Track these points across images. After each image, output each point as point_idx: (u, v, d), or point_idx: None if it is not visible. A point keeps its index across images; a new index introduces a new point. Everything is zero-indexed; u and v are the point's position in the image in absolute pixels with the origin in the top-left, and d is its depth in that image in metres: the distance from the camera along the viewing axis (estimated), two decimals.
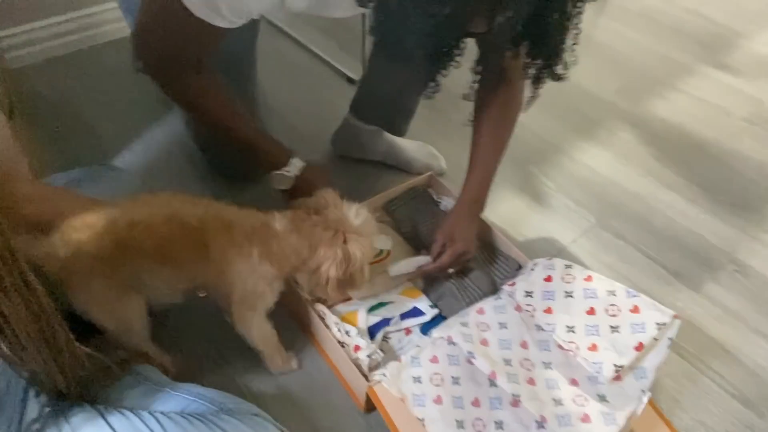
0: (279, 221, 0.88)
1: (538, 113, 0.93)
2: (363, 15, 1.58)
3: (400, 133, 1.46)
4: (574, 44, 0.81)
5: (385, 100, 1.38)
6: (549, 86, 0.89)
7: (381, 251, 1.22)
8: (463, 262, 1.15)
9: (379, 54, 1.29)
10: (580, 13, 0.77)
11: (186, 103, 1.06)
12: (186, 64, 0.97)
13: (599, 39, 2.07)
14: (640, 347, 0.98)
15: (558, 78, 0.85)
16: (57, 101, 1.61)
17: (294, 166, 1.07)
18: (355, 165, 1.50)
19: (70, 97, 1.62)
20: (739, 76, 1.96)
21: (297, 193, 1.06)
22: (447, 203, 1.33)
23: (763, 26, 2.24)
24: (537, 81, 0.88)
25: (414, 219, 1.29)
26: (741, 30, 2.20)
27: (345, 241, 0.86)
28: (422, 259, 1.16)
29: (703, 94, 1.87)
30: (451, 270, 1.16)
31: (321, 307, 1.09)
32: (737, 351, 1.18)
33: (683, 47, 2.09)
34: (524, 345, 1.04)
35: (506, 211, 1.43)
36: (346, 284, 0.90)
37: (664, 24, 2.21)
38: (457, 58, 0.83)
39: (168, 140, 1.52)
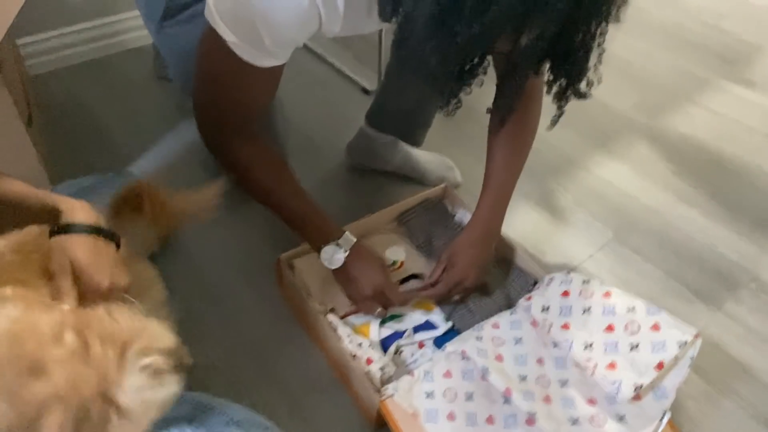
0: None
1: (557, 127, 0.92)
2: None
3: (415, 143, 1.45)
4: (597, 63, 0.80)
5: (401, 111, 1.37)
6: None
7: (394, 262, 1.20)
8: (462, 291, 1.12)
9: (399, 68, 1.28)
10: (604, 33, 0.75)
11: (238, 169, 1.03)
12: (241, 125, 0.97)
13: (617, 53, 2.05)
14: (660, 366, 0.95)
15: (582, 96, 0.84)
16: (74, 109, 1.62)
17: (347, 242, 1.03)
18: (370, 175, 1.49)
19: (88, 104, 1.64)
20: (760, 91, 1.93)
21: (340, 275, 1.05)
22: (462, 215, 1.31)
23: None
24: (560, 99, 0.86)
25: (428, 231, 1.28)
26: (762, 45, 2.17)
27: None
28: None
29: (723, 109, 1.85)
30: (455, 297, 1.13)
31: (333, 318, 1.07)
32: (760, 372, 1.14)
33: (703, 62, 2.06)
34: (540, 361, 1.02)
35: (522, 224, 1.41)
36: None
37: (684, 38, 2.19)
38: (481, 76, 0.82)
39: (183, 148, 1.52)
